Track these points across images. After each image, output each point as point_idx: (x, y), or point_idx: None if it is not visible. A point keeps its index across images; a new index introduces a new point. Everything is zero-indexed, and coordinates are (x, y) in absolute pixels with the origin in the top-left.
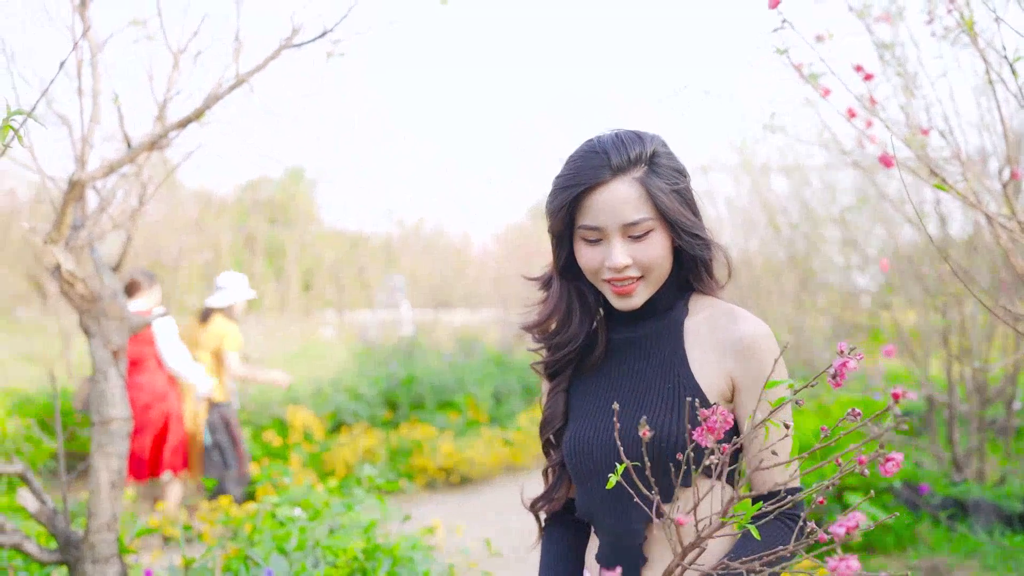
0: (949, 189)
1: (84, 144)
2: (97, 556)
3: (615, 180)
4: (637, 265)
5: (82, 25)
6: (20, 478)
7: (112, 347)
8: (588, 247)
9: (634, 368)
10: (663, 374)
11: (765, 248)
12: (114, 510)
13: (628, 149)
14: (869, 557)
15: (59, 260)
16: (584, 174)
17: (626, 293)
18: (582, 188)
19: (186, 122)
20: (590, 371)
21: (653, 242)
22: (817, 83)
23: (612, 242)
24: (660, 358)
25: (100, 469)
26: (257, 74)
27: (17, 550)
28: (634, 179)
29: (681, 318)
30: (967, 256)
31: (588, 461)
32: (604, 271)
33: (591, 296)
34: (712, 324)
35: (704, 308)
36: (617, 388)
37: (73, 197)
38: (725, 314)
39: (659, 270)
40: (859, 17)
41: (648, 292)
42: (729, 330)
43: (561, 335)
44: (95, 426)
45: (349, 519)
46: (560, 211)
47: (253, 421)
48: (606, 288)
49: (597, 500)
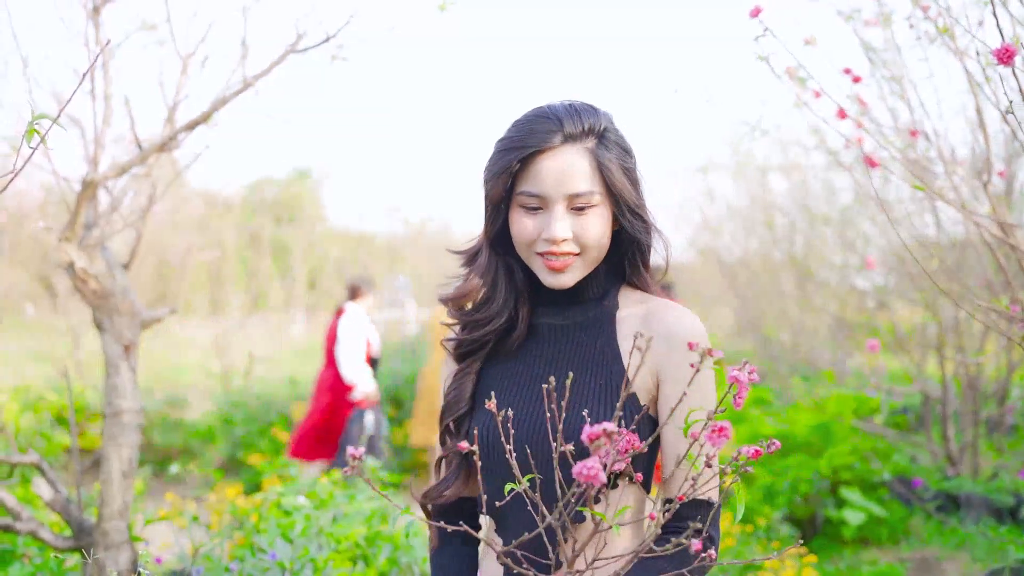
0: (926, 189)
1: (97, 146)
2: (109, 543)
3: (565, 147)
4: (576, 240)
5: (95, 30)
6: (36, 468)
7: (123, 342)
8: (526, 215)
9: (560, 357)
10: (595, 368)
11: (763, 247)
12: (125, 498)
13: (583, 118)
14: (863, 549)
15: (73, 258)
16: (533, 137)
17: (559, 269)
18: (530, 151)
19: (194, 125)
20: (506, 356)
21: (596, 218)
22: (805, 86)
23: (553, 212)
24: (591, 351)
25: (112, 459)
26: (264, 77)
27: (33, 537)
28: (585, 149)
29: (613, 310)
30: (960, 255)
31: (495, 454)
32: (539, 243)
33: (519, 274)
34: (645, 319)
35: (636, 302)
36: (540, 378)
37: (86, 197)
38: (659, 307)
39: (597, 250)
40: (847, 20)
41: (582, 272)
42: (663, 322)
43: (482, 312)
44: (107, 418)
45: (352, 508)
46: (503, 173)
47: (260, 417)
48: (537, 262)
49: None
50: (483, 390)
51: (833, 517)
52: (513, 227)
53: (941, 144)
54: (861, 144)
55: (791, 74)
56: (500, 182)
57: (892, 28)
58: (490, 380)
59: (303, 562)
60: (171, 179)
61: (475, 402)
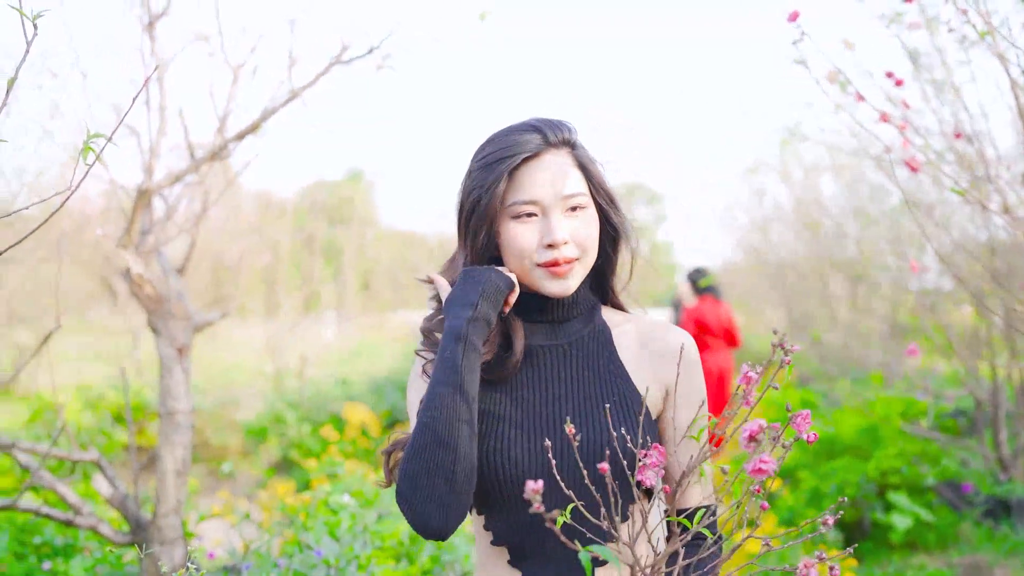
0: (964, 193)
1: (152, 156)
2: (164, 539)
3: (550, 152)
4: (576, 243)
5: (150, 43)
6: (95, 465)
7: (177, 345)
8: (521, 225)
9: (563, 378)
10: (603, 387)
11: (812, 249)
12: (179, 496)
13: (560, 129)
14: (911, 554)
15: (129, 264)
16: (517, 147)
17: (564, 274)
18: (519, 158)
19: (244, 134)
20: (500, 381)
21: (589, 220)
22: (845, 89)
23: (552, 216)
24: (595, 369)
25: (166, 458)
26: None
27: (93, 531)
28: (568, 153)
29: (606, 327)
30: (1011, 257)
31: (518, 483)
32: (539, 252)
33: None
34: (641, 336)
35: (624, 320)
36: (550, 401)
37: (141, 205)
38: (654, 325)
39: (593, 252)
40: (889, 24)
41: (580, 278)
42: (665, 340)
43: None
44: (161, 418)
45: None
46: (496, 183)
47: (312, 417)
48: (537, 273)
49: (534, 526)
50: (487, 419)
51: (881, 521)
52: (512, 241)
53: (985, 147)
54: (905, 147)
55: (832, 78)
56: (492, 195)
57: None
58: (494, 407)
59: (348, 559)
60: (224, 187)
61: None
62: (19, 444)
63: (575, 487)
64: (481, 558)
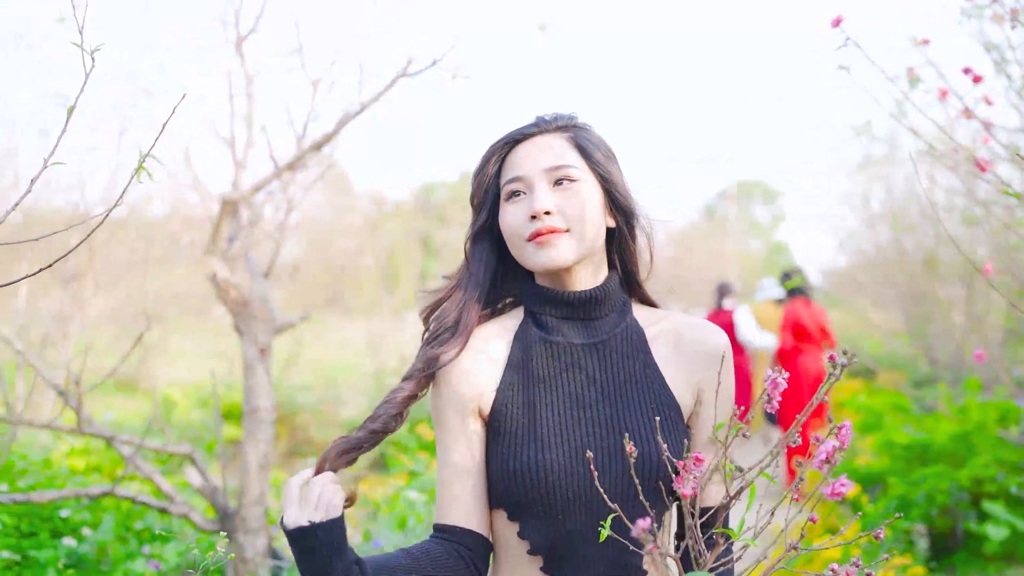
0: (1019, 196)
1: (238, 167)
2: (248, 528)
3: (543, 135)
4: (561, 214)
5: (240, 59)
6: (188, 458)
7: (259, 345)
8: (512, 205)
9: (598, 381)
10: (645, 393)
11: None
12: (262, 488)
13: (560, 117)
14: (1007, 566)
15: (215, 269)
16: (514, 132)
17: (548, 243)
18: (513, 140)
19: (319, 145)
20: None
21: (580, 193)
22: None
23: (536, 189)
24: (629, 372)
25: (249, 453)
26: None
27: (185, 519)
28: (562, 134)
29: (639, 326)
30: None
31: (559, 491)
32: (526, 227)
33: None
34: (677, 336)
35: (657, 319)
36: (590, 405)
37: (226, 213)
38: (690, 325)
39: (589, 226)
40: (969, 18)
41: (576, 252)
42: (703, 341)
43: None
44: (244, 415)
45: None
46: (488, 164)
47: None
48: (528, 249)
49: (572, 534)
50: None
51: (974, 532)
52: (503, 222)
53: None
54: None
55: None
56: (486, 175)
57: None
58: (530, 410)
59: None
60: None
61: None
62: (118, 437)
63: (618, 497)
64: (507, 566)
